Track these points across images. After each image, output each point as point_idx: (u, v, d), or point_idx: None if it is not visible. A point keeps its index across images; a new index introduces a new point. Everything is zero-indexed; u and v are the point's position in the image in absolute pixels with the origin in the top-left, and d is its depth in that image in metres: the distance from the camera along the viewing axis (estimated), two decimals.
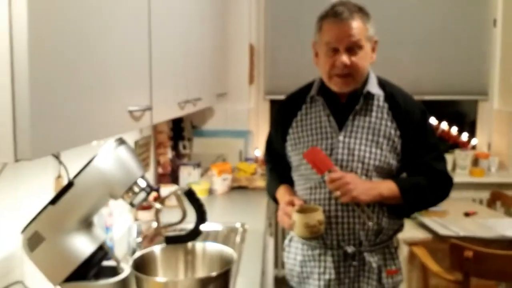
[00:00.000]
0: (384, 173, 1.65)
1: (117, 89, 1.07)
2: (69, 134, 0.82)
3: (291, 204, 1.64)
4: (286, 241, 1.87)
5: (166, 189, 2.68)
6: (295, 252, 1.79)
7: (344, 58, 1.58)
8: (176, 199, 1.34)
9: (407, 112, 1.65)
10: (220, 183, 3.00)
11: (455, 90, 3.80)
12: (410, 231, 2.62)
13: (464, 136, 3.82)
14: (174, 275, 1.39)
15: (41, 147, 0.71)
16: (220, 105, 3.54)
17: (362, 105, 1.67)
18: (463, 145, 3.79)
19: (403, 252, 2.49)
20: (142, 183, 1.28)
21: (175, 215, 1.38)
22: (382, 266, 1.70)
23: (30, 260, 1.30)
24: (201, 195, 2.81)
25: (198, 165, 3.11)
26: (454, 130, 3.84)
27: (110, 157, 1.23)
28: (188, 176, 3.01)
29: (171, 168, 3.04)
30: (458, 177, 3.40)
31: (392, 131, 1.64)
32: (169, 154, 3.07)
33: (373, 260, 1.67)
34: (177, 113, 1.72)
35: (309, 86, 1.78)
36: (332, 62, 1.60)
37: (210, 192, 2.99)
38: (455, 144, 3.80)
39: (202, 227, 1.37)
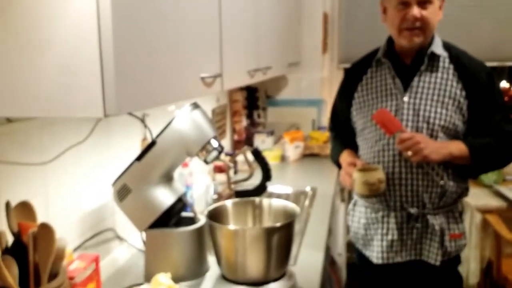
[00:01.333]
0: (450, 134, 1.67)
1: (189, 57, 1.20)
2: (149, 95, 0.97)
3: (353, 164, 1.71)
4: (350, 206, 1.95)
5: (241, 157, 2.86)
6: (359, 215, 1.86)
7: (416, 11, 1.60)
8: (244, 158, 1.48)
9: (473, 73, 1.65)
10: (292, 150, 3.12)
11: None
12: (484, 199, 2.60)
13: None
14: (243, 226, 1.54)
15: (125, 105, 0.86)
16: (294, 74, 3.62)
17: (427, 66, 1.69)
18: None
19: (476, 219, 2.48)
20: (214, 143, 1.43)
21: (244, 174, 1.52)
22: (445, 229, 1.72)
23: (119, 210, 1.51)
24: (273, 161, 2.96)
25: (271, 133, 3.25)
26: None
27: (186, 119, 1.39)
28: (262, 143, 3.15)
29: (246, 136, 3.20)
30: None
31: (458, 92, 1.65)
32: (244, 122, 3.23)
33: (436, 222, 1.70)
34: (247, 81, 1.84)
35: (374, 52, 1.82)
36: (402, 16, 1.63)
37: (283, 158, 3.12)
38: None
39: (268, 184, 1.50)
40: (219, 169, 2.54)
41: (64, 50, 0.83)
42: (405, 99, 1.69)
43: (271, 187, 2.41)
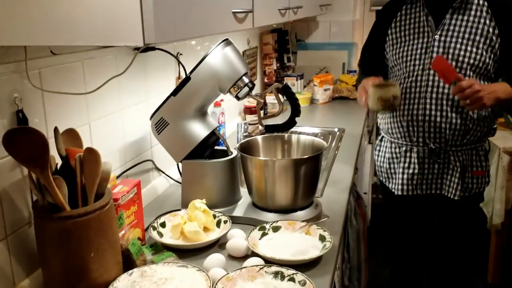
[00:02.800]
0: (480, 73, 1.67)
1: None
2: (185, 26, 1.01)
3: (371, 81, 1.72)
4: (377, 141, 2.01)
5: (270, 98, 2.90)
6: (384, 150, 1.93)
7: None
8: (274, 93, 1.53)
9: (507, 10, 1.63)
10: (321, 93, 3.14)
11: None
12: None
13: None
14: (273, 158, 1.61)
15: (162, 35, 0.91)
16: (324, 17, 3.58)
17: (461, 3, 1.67)
18: None
19: (503, 161, 2.48)
20: (246, 79, 1.48)
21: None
22: (468, 166, 1.76)
23: (157, 143, 1.60)
24: (303, 104, 3.00)
25: (301, 76, 3.27)
26: None
27: (219, 55, 1.44)
28: (292, 86, 3.18)
29: (276, 79, 3.23)
30: None
31: (491, 30, 1.63)
32: (274, 65, 3.25)
33: (457, 159, 1.74)
34: (278, 19, 1.86)
35: None
36: None
37: (312, 101, 3.16)
38: None
39: (297, 120, 1.55)
40: (249, 110, 2.60)
41: None
42: (436, 36, 1.70)
43: (299, 128, 2.47)
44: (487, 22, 1.64)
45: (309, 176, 1.46)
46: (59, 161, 1.13)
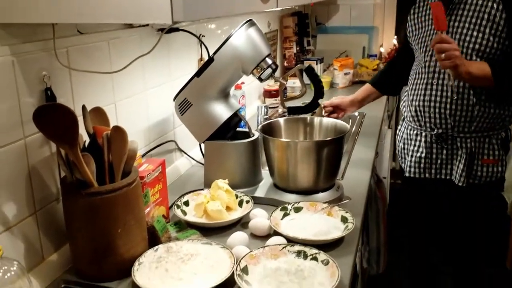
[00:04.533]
0: (485, 58, 1.64)
1: None
2: (211, 4, 1.02)
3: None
4: (400, 121, 2.04)
5: (290, 82, 2.90)
6: (403, 130, 1.96)
7: None
8: (297, 75, 1.53)
9: None
10: (341, 77, 3.12)
11: None
12: None
13: None
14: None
15: (190, 13, 0.91)
16: (345, 0, 3.54)
17: None
18: None
19: None
20: (269, 61, 1.48)
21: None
22: (477, 154, 1.73)
23: (180, 124, 1.61)
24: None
25: (321, 60, 3.24)
26: None
27: (243, 36, 1.43)
28: None
29: (295, 62, 3.22)
30: None
31: (498, 14, 1.60)
32: (294, 49, 3.23)
33: (464, 146, 1.73)
34: (300, 0, 1.86)
35: None
36: None
37: (332, 85, 3.14)
38: None
39: (319, 101, 1.55)
40: (268, 94, 2.60)
41: None
42: None
43: None
44: (495, 6, 1.61)
45: (331, 158, 1.46)
46: (86, 139, 1.15)
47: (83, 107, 1.14)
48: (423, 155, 1.82)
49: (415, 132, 1.85)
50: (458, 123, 1.71)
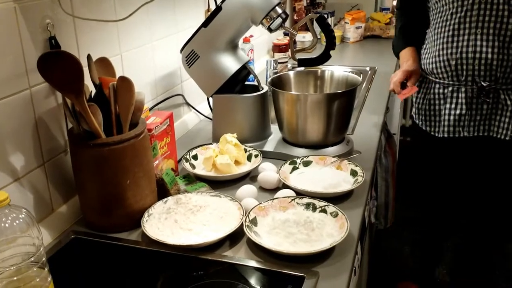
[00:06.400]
0: None
1: None
2: None
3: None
4: (420, 82, 1.87)
5: (300, 36, 2.83)
6: (425, 91, 1.81)
7: None
8: (308, 25, 1.48)
9: None
10: (353, 31, 3.04)
11: None
12: None
13: None
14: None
15: None
16: None
17: None
18: None
19: None
20: (279, 10, 1.43)
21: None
22: None
23: (188, 77, 1.58)
24: None
25: (332, 13, 3.16)
26: None
27: None
28: None
29: (305, 16, 3.13)
30: None
31: None
32: (304, 1, 3.14)
33: (509, 98, 1.66)
34: None
35: None
36: None
37: (343, 40, 3.06)
38: None
39: (331, 53, 1.50)
40: (278, 48, 2.55)
41: None
42: None
43: (329, 67, 2.41)
44: None
45: (342, 112, 1.44)
46: (93, 90, 1.13)
47: (89, 57, 1.11)
48: (464, 111, 1.69)
49: (450, 89, 1.71)
50: (504, 74, 1.62)
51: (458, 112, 1.71)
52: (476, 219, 2.01)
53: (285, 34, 2.69)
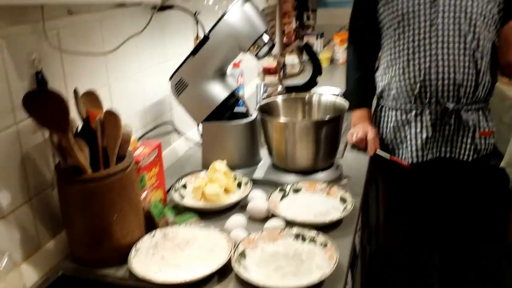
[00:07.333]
0: (488, 23, 1.59)
1: None
2: None
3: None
4: (379, 111, 1.85)
5: (289, 58, 2.85)
6: (387, 120, 1.80)
7: None
8: (295, 52, 1.49)
9: None
10: (342, 52, 3.07)
11: None
12: None
13: None
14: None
15: None
16: None
17: None
18: None
19: None
20: (266, 38, 1.44)
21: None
22: (476, 127, 1.69)
23: (177, 105, 1.58)
24: (323, 64, 2.93)
25: (321, 35, 3.19)
26: None
27: (238, 13, 1.39)
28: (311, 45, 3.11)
29: (295, 38, 3.16)
30: None
31: None
32: (293, 24, 3.17)
33: (469, 118, 1.67)
34: None
35: None
36: None
37: (332, 61, 3.09)
38: None
39: (318, 80, 1.52)
40: (268, 71, 2.56)
41: None
42: None
43: (319, 88, 2.42)
44: None
45: (330, 137, 1.44)
46: (79, 123, 1.13)
47: (75, 91, 1.11)
48: (429, 134, 1.70)
49: (414, 112, 1.71)
50: (465, 93, 1.64)
51: (424, 135, 1.71)
52: (451, 235, 2.00)
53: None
